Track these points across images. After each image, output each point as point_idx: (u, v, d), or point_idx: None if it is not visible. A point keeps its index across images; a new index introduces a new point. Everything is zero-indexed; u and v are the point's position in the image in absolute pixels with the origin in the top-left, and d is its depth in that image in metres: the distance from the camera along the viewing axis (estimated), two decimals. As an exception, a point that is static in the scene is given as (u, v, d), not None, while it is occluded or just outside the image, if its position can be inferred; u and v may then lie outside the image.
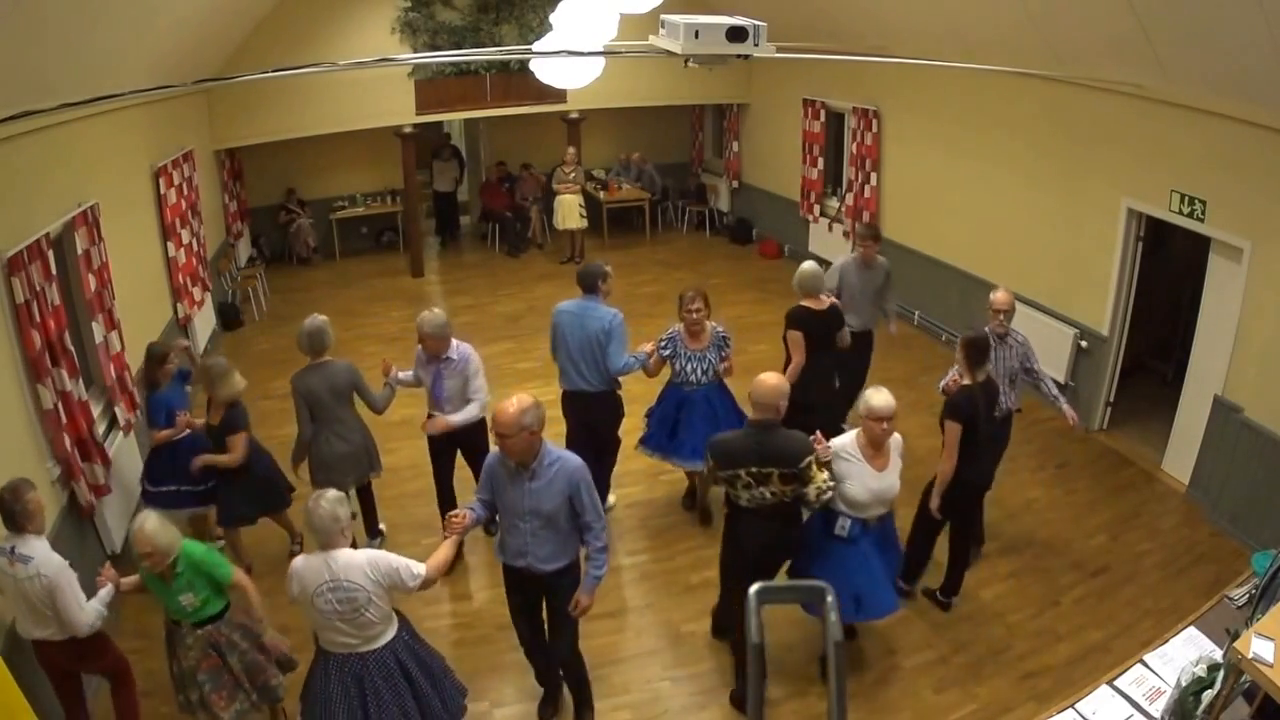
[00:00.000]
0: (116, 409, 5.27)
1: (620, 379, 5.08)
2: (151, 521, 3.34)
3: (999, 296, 4.85)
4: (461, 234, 12.61)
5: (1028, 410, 5.76)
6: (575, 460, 3.50)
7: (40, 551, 3.36)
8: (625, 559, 5.25)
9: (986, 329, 4.77)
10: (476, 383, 4.81)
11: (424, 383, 4.87)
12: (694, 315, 4.98)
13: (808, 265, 5.40)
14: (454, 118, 11.56)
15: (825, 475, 3.75)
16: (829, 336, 5.31)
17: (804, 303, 5.28)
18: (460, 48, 9.79)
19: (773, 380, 3.72)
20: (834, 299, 5.49)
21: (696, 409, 5.11)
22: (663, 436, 5.25)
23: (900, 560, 4.51)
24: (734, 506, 3.83)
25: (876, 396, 3.79)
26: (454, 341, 4.75)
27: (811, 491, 3.69)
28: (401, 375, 4.96)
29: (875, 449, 3.86)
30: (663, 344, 5.11)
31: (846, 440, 3.92)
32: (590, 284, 4.97)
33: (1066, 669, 4.27)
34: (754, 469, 3.63)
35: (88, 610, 3.39)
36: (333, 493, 3.21)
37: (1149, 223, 6.03)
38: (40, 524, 3.42)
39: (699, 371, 5.08)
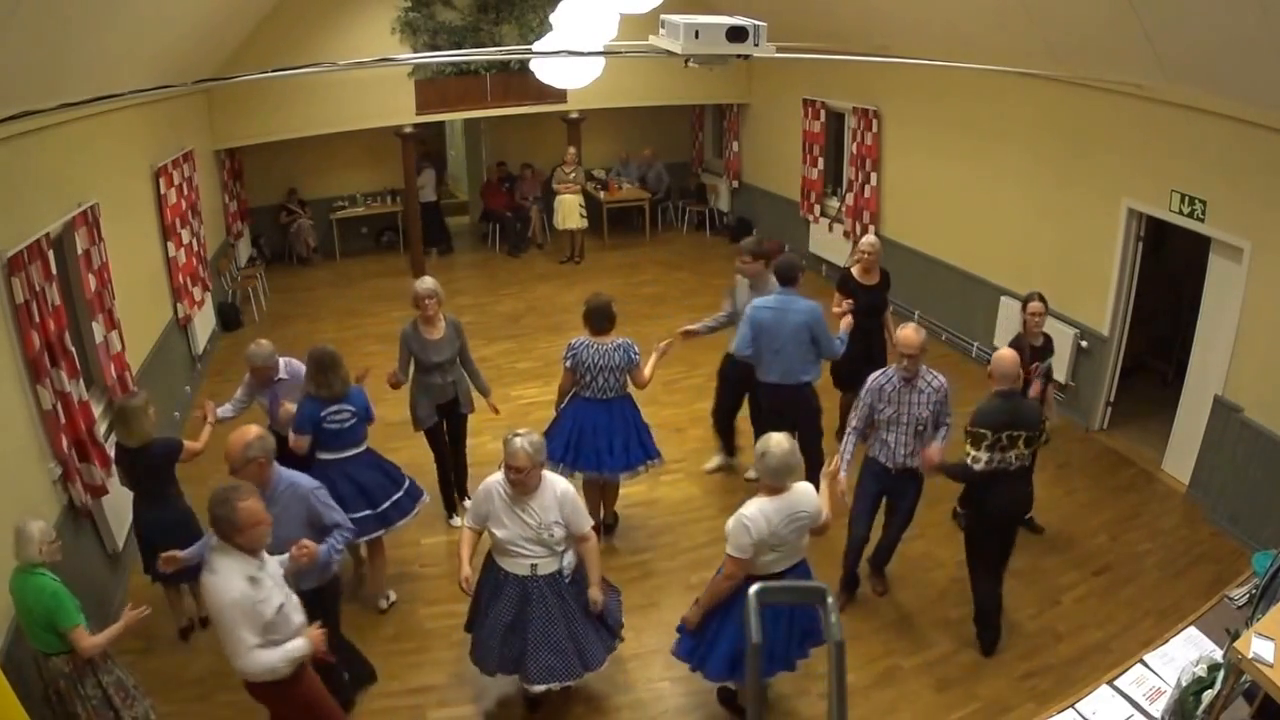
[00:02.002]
0: (117, 409, 5.27)
1: None
2: (37, 524, 3.38)
3: (905, 334, 4.27)
4: (454, 241, 12.21)
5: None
6: (307, 482, 3.65)
7: (223, 569, 2.96)
8: (626, 559, 5.25)
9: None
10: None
11: (263, 404, 5.00)
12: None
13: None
14: (454, 117, 11.55)
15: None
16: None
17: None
18: (460, 48, 9.79)
19: (1009, 354, 4.15)
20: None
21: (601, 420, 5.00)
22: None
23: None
24: (971, 483, 4.22)
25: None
26: (281, 361, 4.92)
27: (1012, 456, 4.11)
28: (221, 411, 4.93)
29: None
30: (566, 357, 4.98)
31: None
32: (791, 276, 5.13)
33: (1066, 669, 4.27)
34: (1007, 433, 4.03)
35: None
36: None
37: (1149, 223, 6.03)
38: (254, 539, 3.02)
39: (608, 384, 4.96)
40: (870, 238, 5.90)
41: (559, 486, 3.67)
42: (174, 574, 3.98)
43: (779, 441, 3.45)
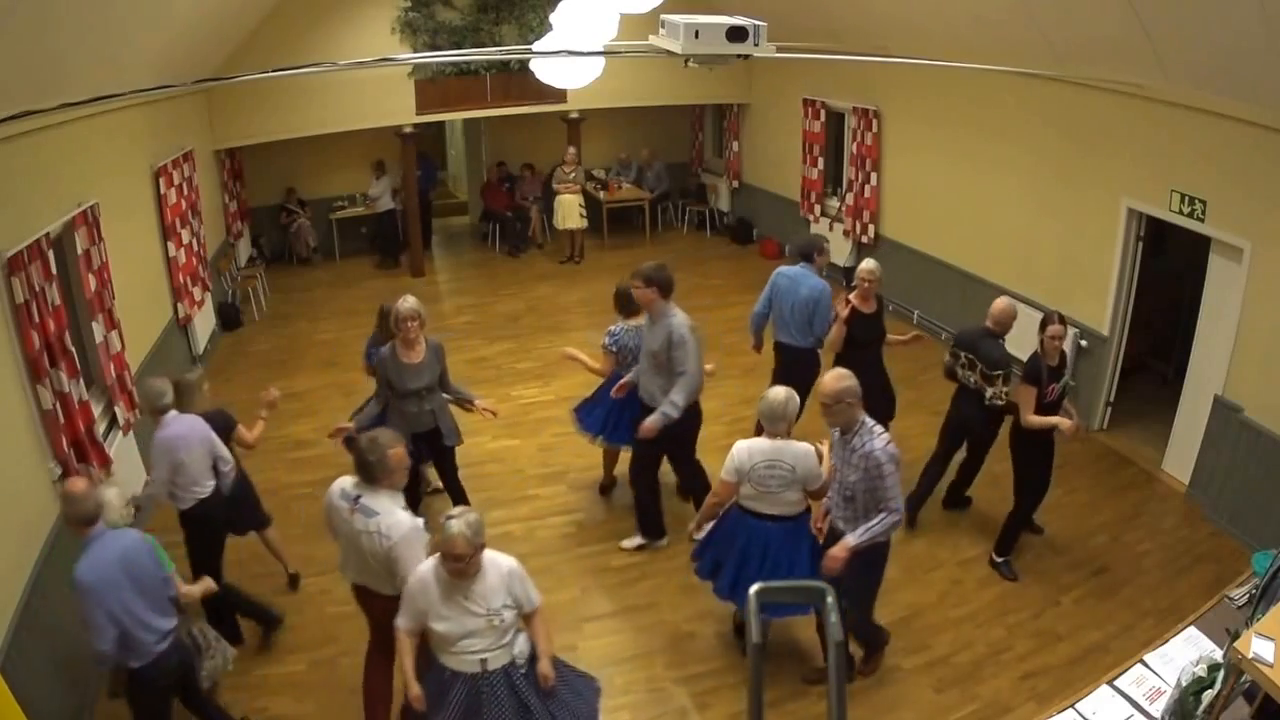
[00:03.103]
0: (117, 409, 5.28)
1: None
2: (113, 491, 3.51)
3: (824, 384, 3.73)
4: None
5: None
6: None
7: (386, 509, 3.38)
8: (625, 559, 5.25)
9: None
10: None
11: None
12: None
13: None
14: (454, 117, 11.55)
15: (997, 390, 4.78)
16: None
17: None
18: (460, 48, 9.78)
19: (1004, 303, 4.91)
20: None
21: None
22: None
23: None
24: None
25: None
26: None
27: (988, 393, 4.84)
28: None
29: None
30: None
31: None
32: (808, 253, 5.58)
33: (1066, 669, 4.27)
34: (965, 356, 4.97)
35: None
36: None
37: (1149, 222, 6.03)
38: (398, 480, 3.46)
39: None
40: (870, 263, 5.39)
41: (503, 565, 3.20)
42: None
43: (776, 392, 3.94)
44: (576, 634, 4.63)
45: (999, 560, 5.01)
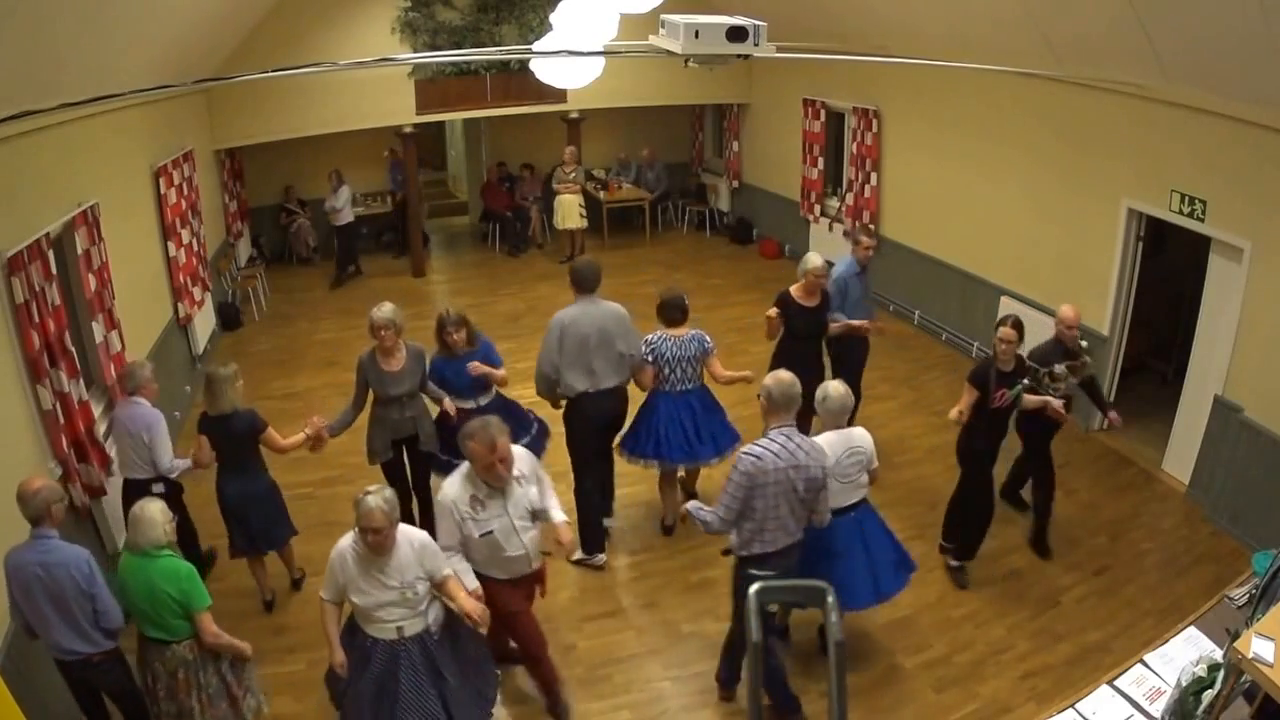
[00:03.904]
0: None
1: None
2: (157, 505, 3.44)
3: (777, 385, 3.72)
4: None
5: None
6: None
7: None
8: (625, 559, 5.25)
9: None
10: None
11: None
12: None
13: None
14: (454, 117, 11.55)
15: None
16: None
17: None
18: (460, 48, 9.78)
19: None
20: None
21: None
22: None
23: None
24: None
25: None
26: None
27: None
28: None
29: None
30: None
31: None
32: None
33: (1066, 669, 4.27)
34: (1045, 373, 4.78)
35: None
36: (373, 486, 3.30)
37: (1149, 223, 6.03)
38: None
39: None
40: (815, 258, 5.43)
41: (415, 539, 3.38)
42: (254, 546, 4.61)
43: (834, 387, 4.04)
44: (577, 634, 4.63)
45: (955, 565, 5.02)
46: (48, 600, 3.27)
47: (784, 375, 3.68)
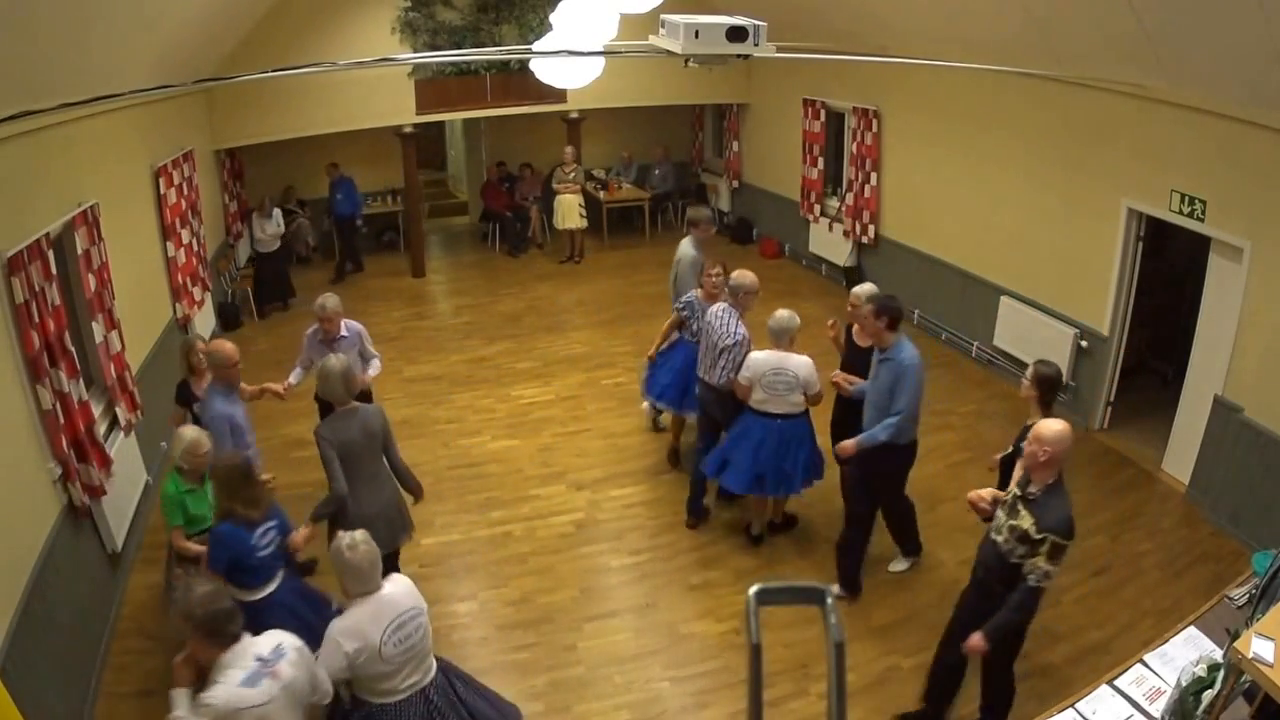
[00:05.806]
0: (117, 409, 5.27)
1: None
2: (191, 430, 4.02)
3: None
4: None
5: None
6: None
7: None
8: (625, 559, 5.26)
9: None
10: (369, 347, 5.49)
11: (315, 362, 5.05)
12: (713, 279, 5.56)
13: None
14: (454, 117, 11.56)
15: None
16: None
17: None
18: (460, 48, 9.79)
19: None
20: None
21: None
22: (677, 393, 5.88)
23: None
24: None
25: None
26: (343, 321, 5.34)
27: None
28: (292, 378, 5.41)
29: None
30: (680, 306, 5.80)
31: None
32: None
33: (1066, 669, 4.27)
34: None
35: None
36: (360, 533, 3.09)
37: (1149, 223, 6.03)
38: None
39: None
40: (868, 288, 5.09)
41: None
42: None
43: (781, 312, 4.85)
44: (576, 634, 4.63)
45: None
46: None
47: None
